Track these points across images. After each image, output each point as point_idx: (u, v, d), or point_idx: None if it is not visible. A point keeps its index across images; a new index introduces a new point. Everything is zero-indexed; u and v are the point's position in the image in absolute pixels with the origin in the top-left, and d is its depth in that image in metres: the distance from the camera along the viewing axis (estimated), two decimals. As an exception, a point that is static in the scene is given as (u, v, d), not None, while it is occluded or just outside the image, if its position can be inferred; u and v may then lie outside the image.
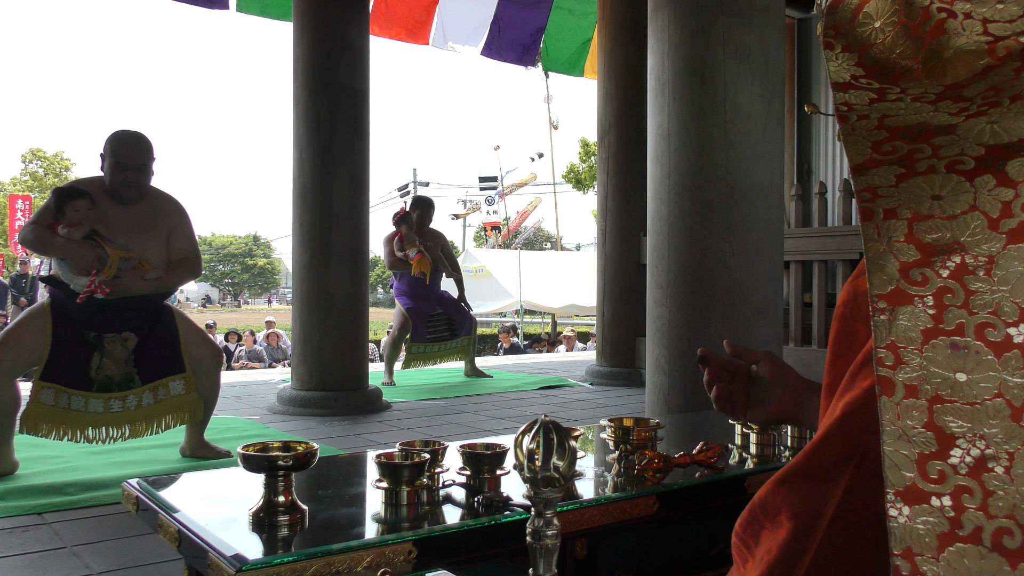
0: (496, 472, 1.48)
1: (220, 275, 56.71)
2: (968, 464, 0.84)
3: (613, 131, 6.36)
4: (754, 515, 1.08)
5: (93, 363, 3.20)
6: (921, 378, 0.87)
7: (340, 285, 4.96)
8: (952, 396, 0.85)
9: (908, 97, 0.87)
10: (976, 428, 0.84)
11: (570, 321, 22.30)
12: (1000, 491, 0.83)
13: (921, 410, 0.87)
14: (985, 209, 0.87)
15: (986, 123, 0.86)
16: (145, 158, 3.35)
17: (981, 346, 0.86)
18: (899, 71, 0.85)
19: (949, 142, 0.88)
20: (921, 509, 0.85)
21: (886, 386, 0.88)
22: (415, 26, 7.59)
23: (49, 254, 3.29)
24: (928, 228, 0.89)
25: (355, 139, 5.01)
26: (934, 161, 0.89)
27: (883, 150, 0.91)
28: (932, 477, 0.85)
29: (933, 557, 0.84)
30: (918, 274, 0.89)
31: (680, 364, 3.25)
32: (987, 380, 0.84)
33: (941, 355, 0.87)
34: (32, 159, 33.40)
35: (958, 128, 0.87)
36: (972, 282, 0.86)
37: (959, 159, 0.88)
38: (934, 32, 0.83)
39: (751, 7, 3.24)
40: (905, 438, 0.86)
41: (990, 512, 0.82)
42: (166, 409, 3.33)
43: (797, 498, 1.01)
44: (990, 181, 0.87)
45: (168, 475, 1.63)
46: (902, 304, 0.89)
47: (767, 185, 3.29)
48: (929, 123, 0.88)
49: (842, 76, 0.87)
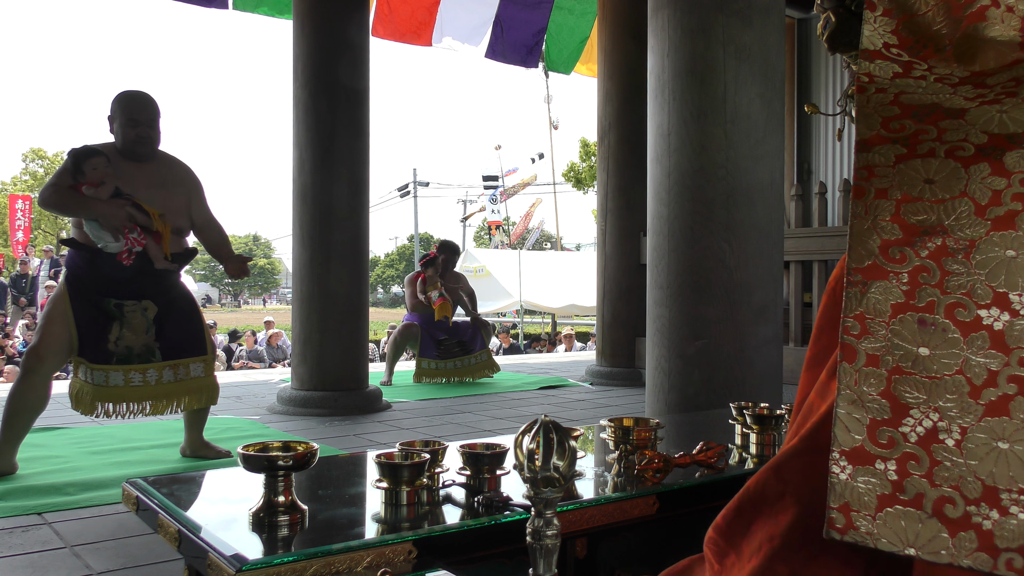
0: (496, 472, 1.48)
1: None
2: (919, 434, 0.86)
3: (613, 131, 6.36)
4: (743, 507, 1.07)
5: (112, 334, 3.19)
6: (884, 349, 0.89)
7: (340, 285, 4.96)
8: (912, 369, 0.87)
9: (932, 76, 0.87)
10: (931, 401, 0.86)
11: (570, 321, 22.31)
12: (947, 462, 0.85)
13: (879, 379, 0.89)
14: (975, 196, 0.88)
15: (997, 111, 0.87)
16: (155, 114, 3.39)
17: (949, 324, 0.87)
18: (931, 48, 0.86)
19: (956, 127, 0.89)
20: (864, 470, 0.87)
21: (848, 353, 0.90)
22: (418, 27, 7.61)
23: (77, 214, 3.23)
24: (915, 210, 0.91)
25: (355, 139, 5.01)
26: (936, 145, 0.90)
27: (891, 127, 0.92)
28: (881, 442, 0.87)
29: (870, 515, 0.86)
30: (897, 252, 0.91)
31: (680, 364, 3.25)
32: (950, 357, 0.86)
33: (908, 329, 0.88)
34: (33, 159, 33.39)
35: (968, 113, 0.88)
36: (949, 263, 0.88)
37: (960, 145, 0.89)
38: (974, 16, 0.83)
39: (751, 7, 3.24)
40: (860, 403, 0.88)
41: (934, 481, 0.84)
42: (185, 390, 3.32)
43: (800, 478, 1.00)
44: (985, 169, 0.88)
45: (168, 475, 1.63)
46: (876, 279, 0.90)
47: (767, 185, 3.29)
48: (942, 105, 0.89)
49: (874, 42, 0.88)
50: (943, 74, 0.88)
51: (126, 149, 3.33)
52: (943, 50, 0.86)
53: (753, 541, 1.03)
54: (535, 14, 7.90)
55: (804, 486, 1.01)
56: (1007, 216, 0.86)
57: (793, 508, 1.01)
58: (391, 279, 57.03)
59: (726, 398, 2.96)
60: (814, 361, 1.11)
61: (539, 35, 8.03)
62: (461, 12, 7.68)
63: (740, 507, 1.07)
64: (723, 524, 1.09)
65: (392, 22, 7.42)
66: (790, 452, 1.05)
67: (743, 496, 1.07)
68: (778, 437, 1.89)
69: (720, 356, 3.19)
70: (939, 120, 0.90)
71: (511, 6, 7.79)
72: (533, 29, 7.97)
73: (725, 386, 3.16)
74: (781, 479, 1.02)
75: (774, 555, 1.00)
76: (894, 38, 0.87)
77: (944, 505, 0.84)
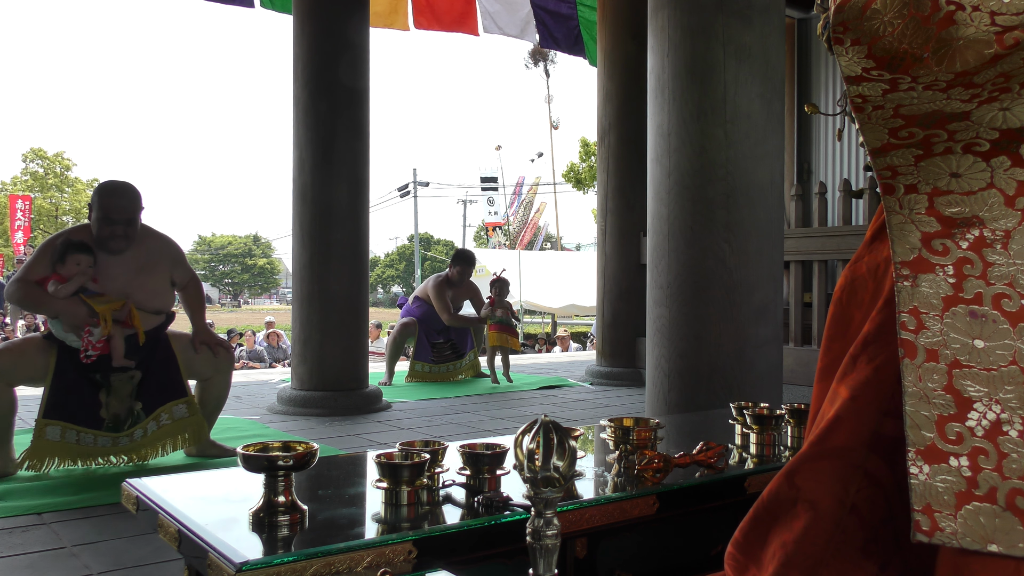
0: (496, 472, 1.48)
1: (220, 275, 56.72)
2: (984, 427, 0.86)
3: (613, 131, 6.36)
4: (759, 517, 1.07)
5: (102, 401, 3.22)
6: (941, 343, 0.89)
7: (340, 285, 4.96)
8: (970, 361, 0.88)
9: (920, 86, 0.88)
10: (992, 393, 0.86)
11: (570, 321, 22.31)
12: (1014, 453, 0.85)
13: (941, 373, 0.89)
14: (1002, 187, 0.89)
15: (998, 109, 0.88)
16: (133, 212, 3.32)
17: (998, 315, 0.88)
18: (908, 60, 0.87)
19: (964, 127, 0.90)
20: (940, 468, 0.87)
21: (908, 349, 0.90)
22: (460, 17, 7.62)
23: (40, 312, 3.29)
24: (948, 202, 0.91)
25: (355, 139, 5.01)
26: (951, 143, 0.91)
27: (900, 136, 0.92)
28: (950, 438, 0.87)
29: (951, 514, 0.86)
30: (939, 244, 0.91)
31: (680, 364, 3.25)
32: (1003, 348, 0.87)
33: (960, 322, 0.89)
34: (33, 159, 33.39)
35: (972, 114, 0.89)
36: (989, 254, 0.88)
37: (975, 141, 0.90)
38: (944, 23, 0.84)
39: (751, 7, 3.24)
40: (926, 399, 0.88)
41: (1004, 473, 0.85)
42: (168, 433, 3.35)
43: (812, 483, 1.00)
44: (1005, 162, 0.89)
45: (168, 475, 1.63)
46: (924, 272, 0.91)
47: (767, 185, 3.29)
48: (943, 111, 0.90)
49: (854, 69, 0.89)
50: (929, 81, 0.89)
51: (100, 244, 3.30)
52: (921, 58, 0.87)
53: (769, 549, 1.03)
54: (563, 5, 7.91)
55: (815, 491, 1.00)
56: None
57: (806, 514, 1.01)
58: (391, 279, 57.02)
59: (726, 398, 2.96)
60: (826, 372, 1.10)
61: (575, 26, 8.04)
62: (498, 2, 7.69)
63: (756, 518, 1.07)
64: (741, 538, 1.09)
65: (432, 12, 7.43)
66: (801, 458, 1.05)
67: (758, 507, 1.07)
68: (778, 437, 1.88)
69: (720, 356, 3.19)
70: (946, 124, 0.90)
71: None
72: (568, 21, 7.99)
73: (725, 386, 3.16)
74: (793, 485, 1.02)
75: (788, 561, 1.00)
76: (870, 62, 0.88)
77: (1016, 497, 0.85)
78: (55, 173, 33.22)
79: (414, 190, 34.86)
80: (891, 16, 0.84)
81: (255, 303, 58.11)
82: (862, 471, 0.98)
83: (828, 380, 1.08)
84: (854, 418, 0.99)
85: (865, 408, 0.98)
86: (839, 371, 1.03)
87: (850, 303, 1.09)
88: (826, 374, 1.10)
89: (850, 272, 1.09)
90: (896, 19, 0.84)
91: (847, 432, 0.99)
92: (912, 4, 0.84)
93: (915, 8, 0.84)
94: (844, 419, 0.99)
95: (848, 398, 1.00)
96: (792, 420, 1.92)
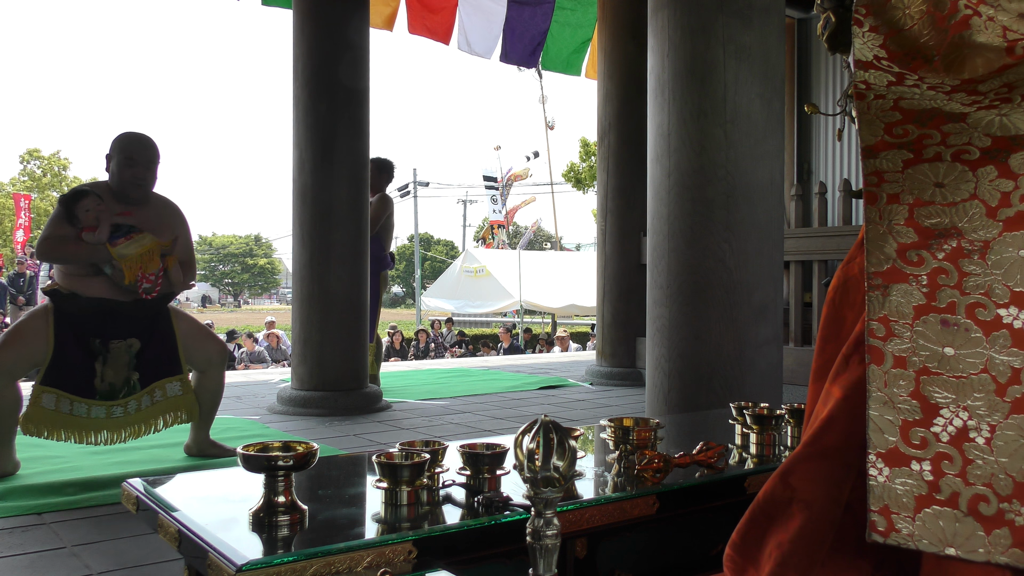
0: (496, 472, 1.48)
1: (220, 275, 56.70)
2: (950, 433, 0.87)
3: (613, 131, 6.36)
4: (755, 518, 1.07)
5: (97, 372, 3.21)
6: (910, 350, 0.90)
7: (340, 285, 4.96)
8: (939, 368, 0.88)
9: (924, 85, 0.89)
10: (960, 400, 0.87)
11: (570, 321, 22.31)
12: (979, 460, 0.86)
13: (908, 380, 0.89)
14: (985, 198, 0.89)
15: (996, 115, 0.88)
16: (153, 156, 3.39)
17: (971, 324, 0.88)
18: (919, 60, 0.87)
19: (959, 130, 0.90)
20: (901, 471, 0.88)
21: (876, 355, 0.91)
22: (447, 28, 7.90)
23: (76, 262, 3.23)
24: (928, 213, 0.92)
25: (355, 139, 5.01)
26: (941, 149, 0.91)
27: (895, 132, 0.93)
28: (914, 443, 0.88)
29: (909, 516, 0.87)
30: (914, 255, 0.92)
31: (680, 364, 3.25)
32: (974, 356, 0.87)
33: (931, 330, 0.89)
34: (30, 159, 33.38)
35: (969, 117, 0.89)
36: (966, 264, 0.89)
37: (966, 148, 0.90)
38: (959, 26, 0.85)
39: (751, 7, 3.23)
40: (890, 404, 0.89)
41: (968, 480, 0.85)
42: (161, 410, 3.34)
43: (806, 483, 1.00)
44: (991, 172, 0.90)
45: (168, 475, 1.63)
46: (896, 281, 0.92)
47: (767, 185, 3.29)
48: (942, 109, 0.90)
49: (865, 55, 0.89)
50: (934, 83, 0.90)
51: (119, 190, 3.32)
52: (931, 61, 0.88)
53: (766, 550, 1.03)
54: (538, 15, 7.98)
55: (810, 491, 1.01)
56: (1017, 217, 0.88)
57: (801, 514, 1.02)
58: (391, 279, 56.98)
59: (726, 398, 2.96)
60: (820, 372, 1.11)
61: (542, 36, 8.14)
62: (477, 16, 7.85)
63: (752, 519, 1.07)
64: (738, 539, 1.09)
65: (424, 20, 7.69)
66: (795, 459, 1.05)
67: (754, 508, 1.07)
68: (778, 437, 1.88)
69: (720, 356, 3.19)
70: (941, 124, 0.91)
71: (516, 7, 7.88)
72: (537, 30, 8.08)
73: (725, 386, 3.16)
74: (788, 486, 1.02)
75: (784, 561, 1.00)
76: (883, 51, 0.88)
77: (978, 503, 0.86)
78: (53, 173, 33.20)
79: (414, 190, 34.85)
80: (913, 10, 0.85)
81: (255, 303, 58.07)
82: (856, 470, 0.99)
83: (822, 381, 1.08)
84: (847, 418, 0.99)
85: (858, 408, 0.98)
86: (832, 371, 1.03)
87: (843, 304, 1.09)
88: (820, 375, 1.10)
89: (843, 273, 1.09)
90: (916, 14, 0.85)
91: (840, 432, 1.00)
92: (932, 1, 0.85)
93: (934, 6, 0.85)
94: (837, 419, 1.00)
95: (841, 398, 1.00)
96: (792, 420, 1.92)
